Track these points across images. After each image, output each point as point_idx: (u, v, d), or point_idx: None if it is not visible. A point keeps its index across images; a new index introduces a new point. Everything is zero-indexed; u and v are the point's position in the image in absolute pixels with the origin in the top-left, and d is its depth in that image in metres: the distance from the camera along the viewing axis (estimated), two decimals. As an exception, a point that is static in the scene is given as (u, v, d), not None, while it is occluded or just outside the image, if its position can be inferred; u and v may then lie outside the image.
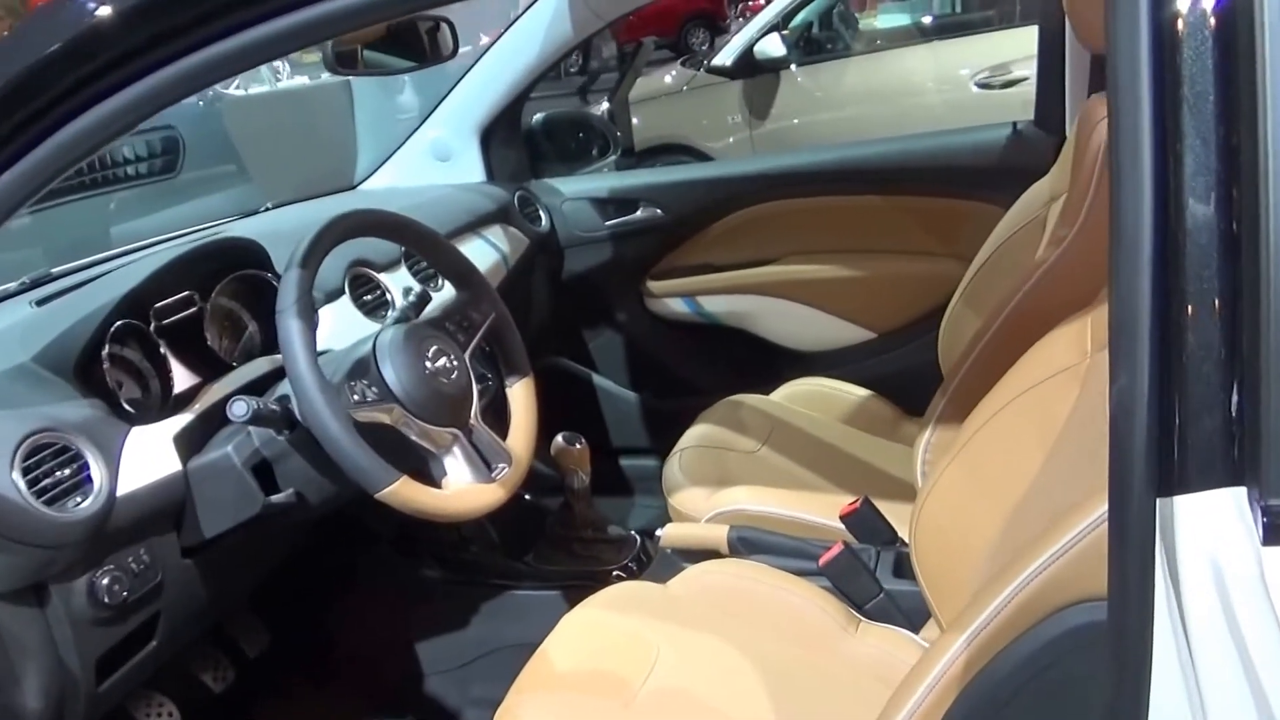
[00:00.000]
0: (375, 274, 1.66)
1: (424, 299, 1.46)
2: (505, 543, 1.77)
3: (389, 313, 1.48)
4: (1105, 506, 0.68)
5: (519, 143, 2.40)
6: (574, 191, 2.37)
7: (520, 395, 1.47)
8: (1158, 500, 0.62)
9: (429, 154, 2.33)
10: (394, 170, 2.36)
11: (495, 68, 2.23)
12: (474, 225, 2.04)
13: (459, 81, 2.28)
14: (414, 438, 1.24)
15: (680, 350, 2.44)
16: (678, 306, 2.36)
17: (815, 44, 5.15)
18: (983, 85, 4.38)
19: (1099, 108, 1.50)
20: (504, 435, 1.41)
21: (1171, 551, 0.62)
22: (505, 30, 2.20)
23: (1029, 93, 4.18)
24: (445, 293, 1.52)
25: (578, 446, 1.65)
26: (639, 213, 2.33)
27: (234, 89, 5.29)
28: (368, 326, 1.53)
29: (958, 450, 1.28)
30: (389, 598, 1.84)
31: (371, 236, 1.42)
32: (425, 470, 1.27)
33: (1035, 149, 2.04)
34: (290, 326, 1.16)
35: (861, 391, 2.09)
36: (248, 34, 0.84)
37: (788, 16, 4.91)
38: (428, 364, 1.26)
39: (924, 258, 2.20)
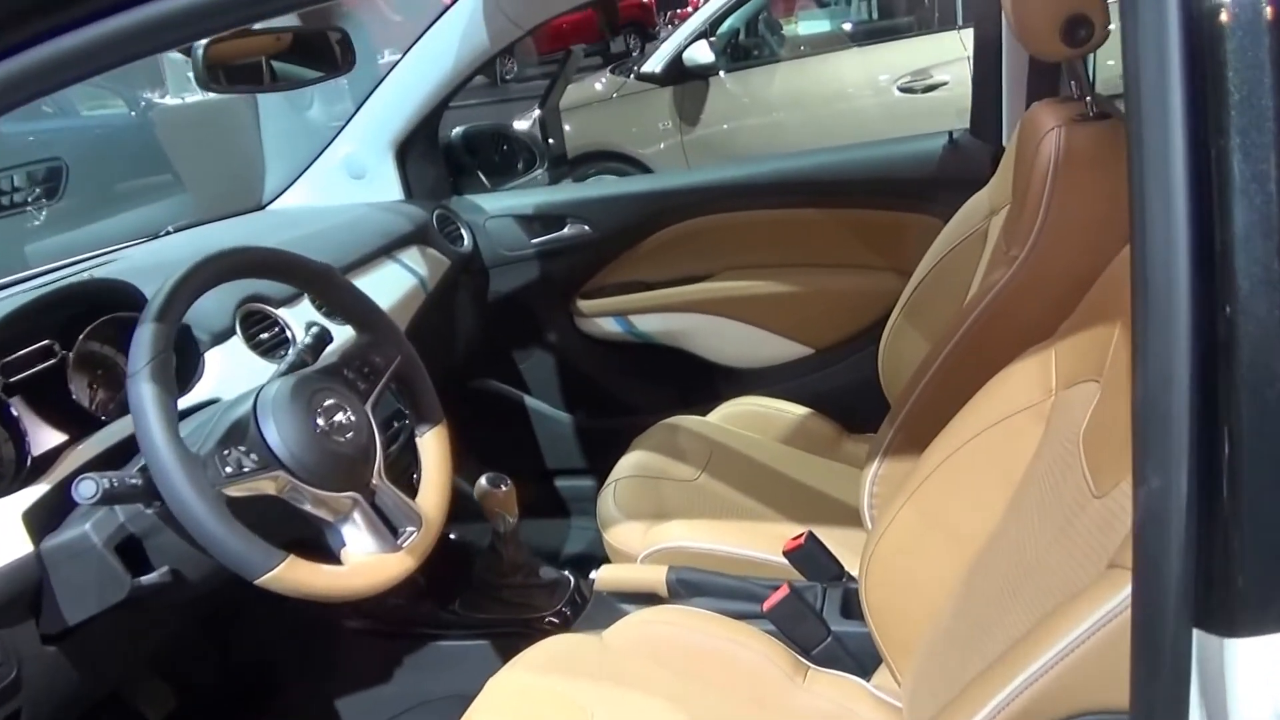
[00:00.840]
0: (272, 310, 1.53)
1: (322, 340, 1.34)
2: (432, 590, 1.65)
3: (290, 352, 1.35)
4: (1111, 604, 0.58)
5: (438, 158, 2.29)
6: (497, 209, 2.26)
7: (432, 446, 1.35)
8: (1197, 632, 0.51)
9: (342, 171, 2.20)
10: (305, 189, 2.23)
11: (408, 80, 2.11)
12: (389, 248, 1.92)
13: (371, 94, 2.16)
14: (305, 507, 1.11)
15: (614, 370, 2.35)
16: (609, 326, 2.27)
17: (742, 50, 5.12)
18: (905, 90, 4.39)
19: (1043, 117, 1.44)
20: (414, 492, 1.29)
21: (1215, 693, 0.51)
22: (417, 40, 2.08)
23: (950, 97, 4.33)
24: (349, 330, 1.40)
25: (503, 488, 1.54)
26: (566, 229, 2.24)
27: (167, 98, 5.00)
28: (265, 369, 1.40)
29: (912, 490, 1.20)
30: (310, 651, 1.71)
31: (246, 278, 1.29)
32: (320, 542, 1.14)
33: (972, 159, 1.99)
34: (142, 394, 1.01)
35: (800, 410, 2.02)
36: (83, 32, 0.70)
37: (715, 23, 4.87)
38: (319, 421, 1.13)
39: (862, 272, 2.13)
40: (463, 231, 2.21)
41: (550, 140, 3.54)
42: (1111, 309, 0.95)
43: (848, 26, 5.61)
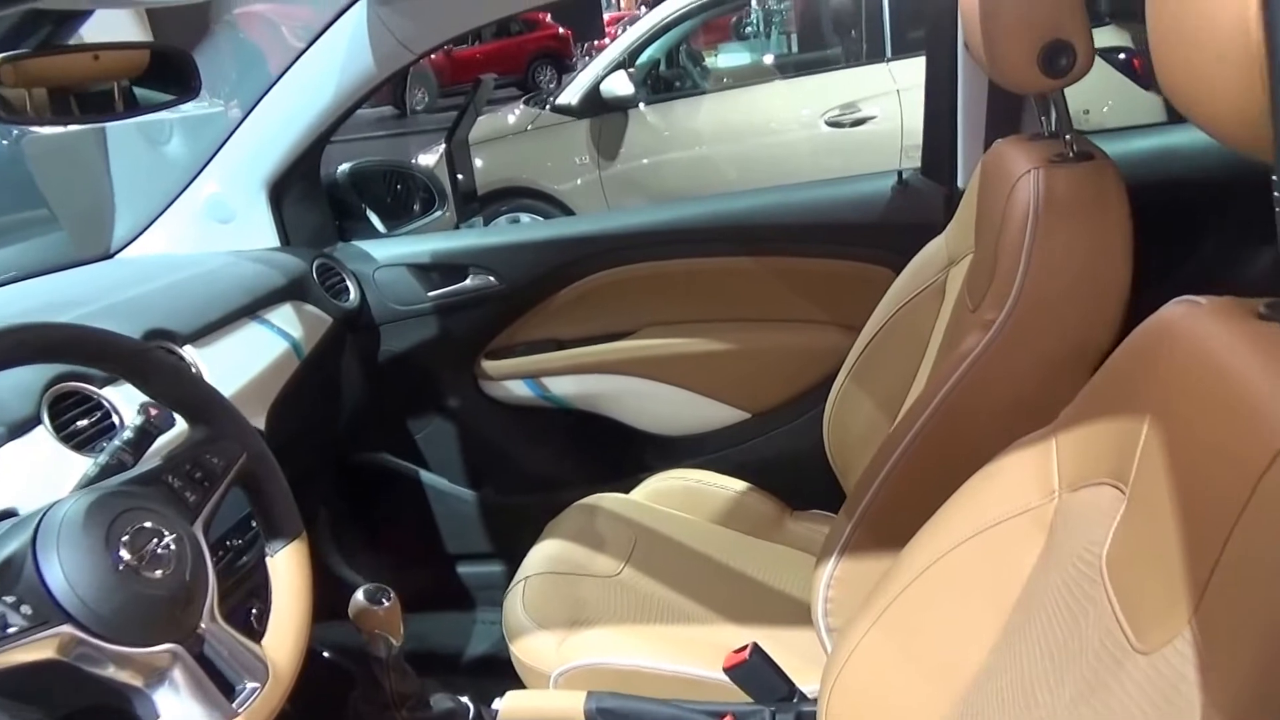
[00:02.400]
0: (93, 389, 1.22)
1: (148, 432, 1.05)
2: None
3: (105, 449, 1.05)
4: None
5: (320, 199, 2.00)
6: (389, 257, 1.98)
7: (286, 569, 1.05)
8: None
9: (205, 215, 1.90)
10: (162, 235, 1.92)
11: (283, 109, 1.83)
12: (255, 306, 1.62)
13: (239, 126, 1.87)
14: (104, 672, 0.82)
15: (524, 440, 2.08)
16: (518, 389, 2.00)
17: (663, 82, 4.93)
18: (833, 123, 4.24)
19: (1011, 157, 1.25)
20: (260, 634, 1.00)
21: None
22: (291, 64, 1.80)
23: (879, 131, 4.20)
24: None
25: (384, 604, 1.25)
26: (469, 281, 1.96)
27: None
28: (83, 467, 1.10)
29: (882, 609, 0.97)
30: None
31: (31, 364, 1.00)
32: (125, 715, 0.85)
33: (924, 202, 1.79)
34: None
35: (737, 484, 1.79)
36: None
37: (634, 54, 4.68)
38: (123, 554, 0.84)
39: (803, 327, 1.91)
40: (348, 284, 1.92)
41: (459, 176, 3.29)
42: (1134, 395, 0.74)
43: (769, 59, 5.49)
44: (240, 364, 1.51)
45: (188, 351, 1.42)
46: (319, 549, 1.98)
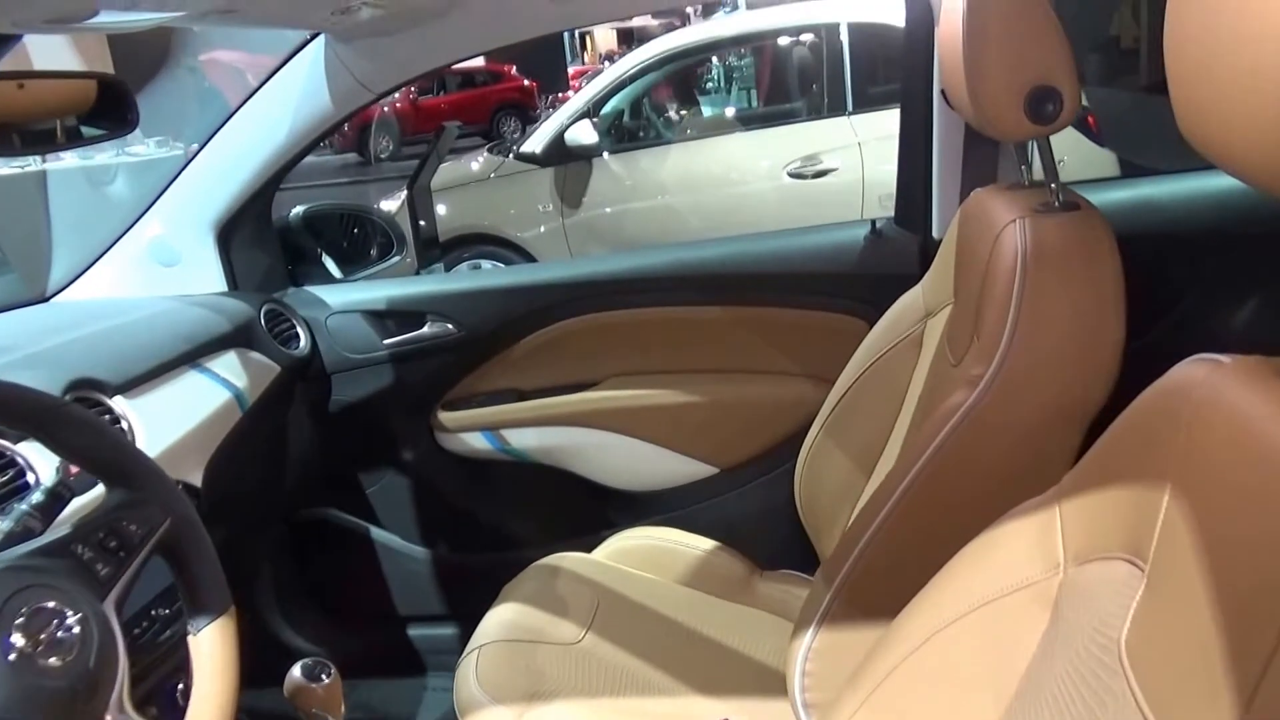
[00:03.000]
0: (7, 445, 1.12)
1: (60, 495, 0.95)
2: None
3: (9, 514, 0.95)
4: None
5: (271, 242, 1.92)
6: (343, 303, 1.89)
7: (209, 649, 0.95)
8: None
9: (149, 257, 1.81)
10: (103, 278, 1.82)
11: (235, 148, 1.76)
12: (196, 353, 1.53)
13: (187, 165, 1.79)
14: None
15: (481, 495, 1.99)
16: (477, 442, 1.91)
17: (627, 132, 4.92)
18: (795, 175, 4.24)
19: (992, 206, 1.20)
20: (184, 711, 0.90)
21: None
22: (244, 101, 1.73)
23: (841, 183, 4.20)
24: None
25: (324, 680, 1.15)
26: (426, 328, 1.88)
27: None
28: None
29: (869, 691, 0.89)
30: None
31: None
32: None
33: (899, 251, 1.74)
34: None
35: (705, 543, 1.70)
36: None
37: (598, 104, 4.66)
38: (16, 639, 0.74)
39: (774, 379, 1.85)
40: (299, 330, 1.83)
41: (421, 222, 3.23)
42: (1150, 461, 0.67)
43: (731, 111, 5.51)
44: (177, 416, 1.42)
45: (118, 403, 1.32)
46: (260, 610, 1.87)
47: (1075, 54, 1.11)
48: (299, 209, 2.01)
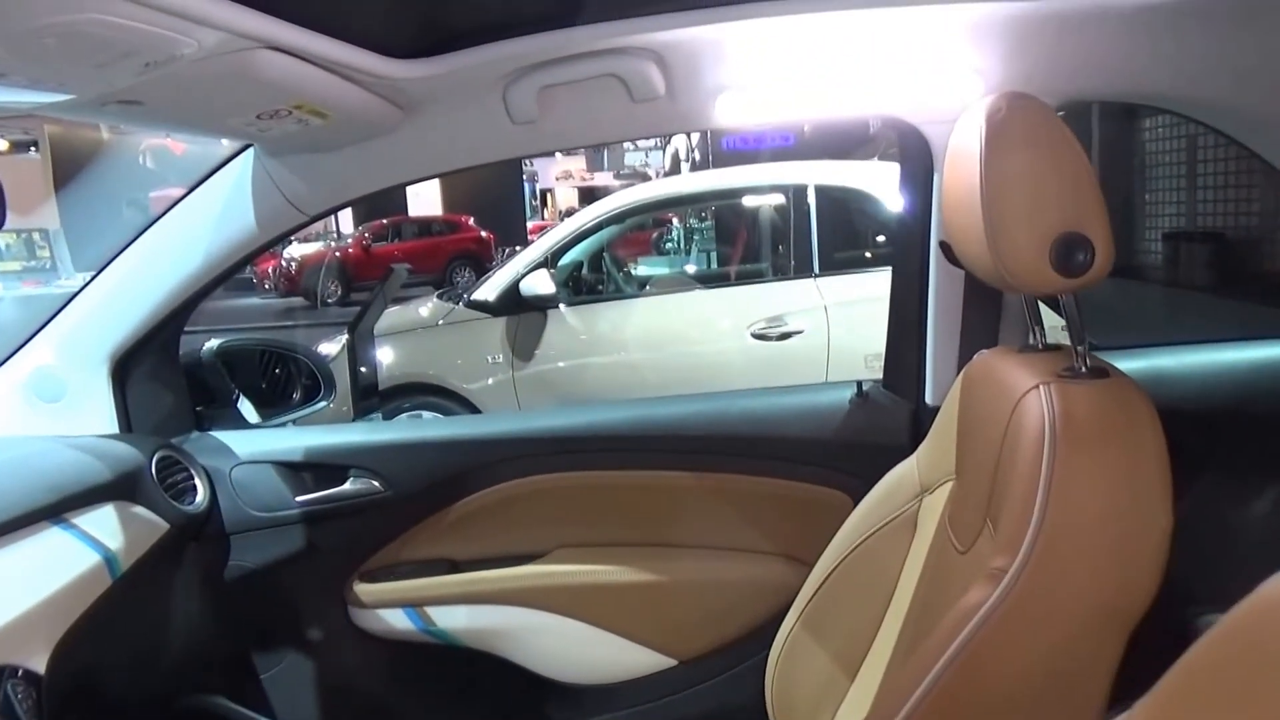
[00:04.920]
0: None
1: None
2: None
3: None
4: None
5: (175, 380, 1.69)
6: (253, 452, 1.65)
7: None
8: None
9: (30, 390, 1.57)
10: (-27, 411, 1.57)
11: (141, 270, 1.55)
12: (58, 508, 1.27)
13: (83, 288, 1.57)
14: None
15: (400, 684, 1.70)
16: (398, 621, 1.64)
17: (585, 284, 4.80)
18: (759, 336, 4.12)
19: (1005, 371, 1.05)
20: None
21: None
22: (156, 218, 1.53)
23: (805, 347, 4.07)
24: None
25: None
26: (349, 484, 1.64)
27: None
28: None
29: None
30: None
31: None
32: None
33: (888, 418, 1.57)
34: None
35: None
36: None
37: (556, 254, 4.55)
38: None
39: (745, 558, 1.63)
40: (196, 482, 1.57)
41: (362, 369, 3.01)
42: (1245, 699, 0.53)
43: (693, 268, 5.45)
44: (25, 583, 1.15)
45: None
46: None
47: None
48: (213, 343, 1.78)
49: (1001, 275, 0.99)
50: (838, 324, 3.99)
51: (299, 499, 1.63)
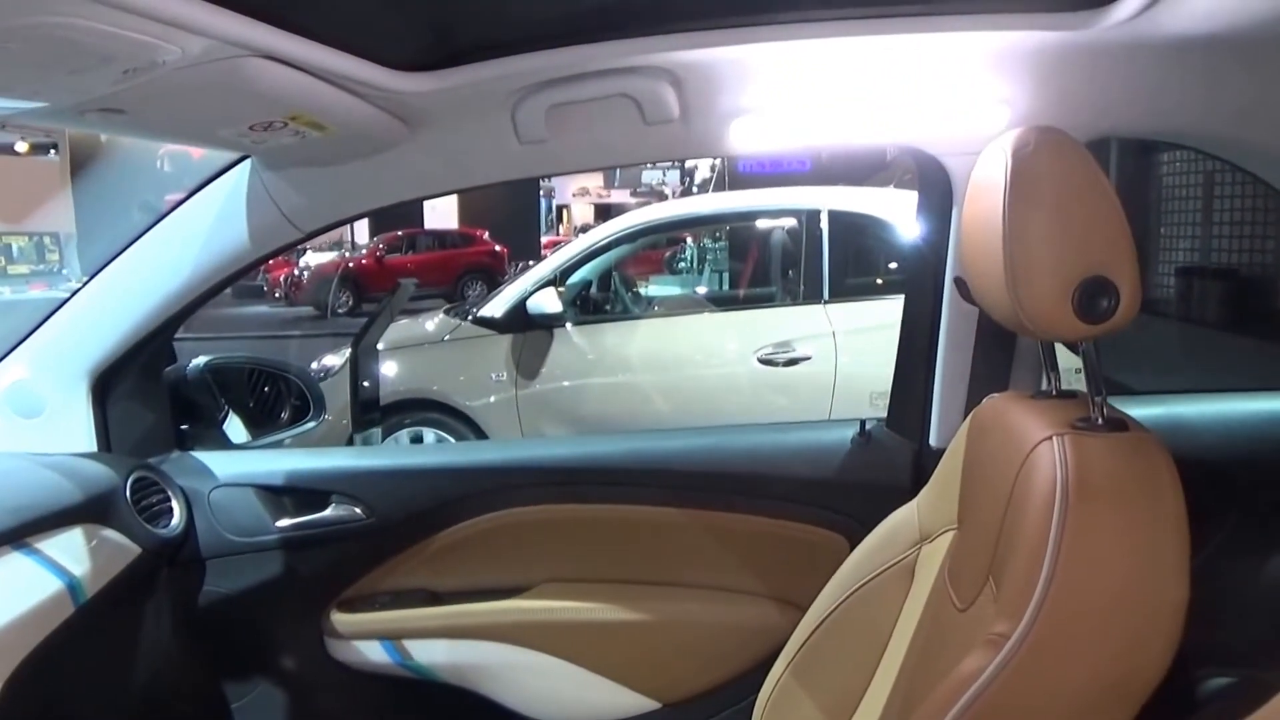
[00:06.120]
0: None
1: None
2: None
3: None
4: None
5: (158, 398, 1.64)
6: (233, 475, 1.60)
7: None
8: None
9: (5, 405, 1.53)
10: (-52, 424, 1.53)
11: (125, 283, 1.51)
12: (19, 533, 1.22)
13: (65, 302, 1.53)
14: None
15: (375, 717, 1.64)
16: (374, 654, 1.59)
17: (593, 303, 4.76)
18: (765, 361, 4.06)
19: (1016, 417, 1.00)
20: None
21: None
22: (143, 231, 1.49)
23: (813, 373, 4.01)
24: None
25: None
26: (330, 510, 1.60)
27: None
28: None
29: None
30: None
31: None
32: None
33: (889, 459, 1.51)
34: None
35: None
36: None
37: (565, 272, 4.51)
38: None
39: (735, 599, 1.57)
40: (174, 504, 1.53)
41: (364, 383, 2.98)
42: None
43: (702, 290, 5.39)
44: None
45: None
46: None
47: None
48: (200, 360, 1.74)
49: (1019, 318, 0.94)
50: (845, 351, 3.93)
51: (279, 524, 1.58)
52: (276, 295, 15.52)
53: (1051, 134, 0.94)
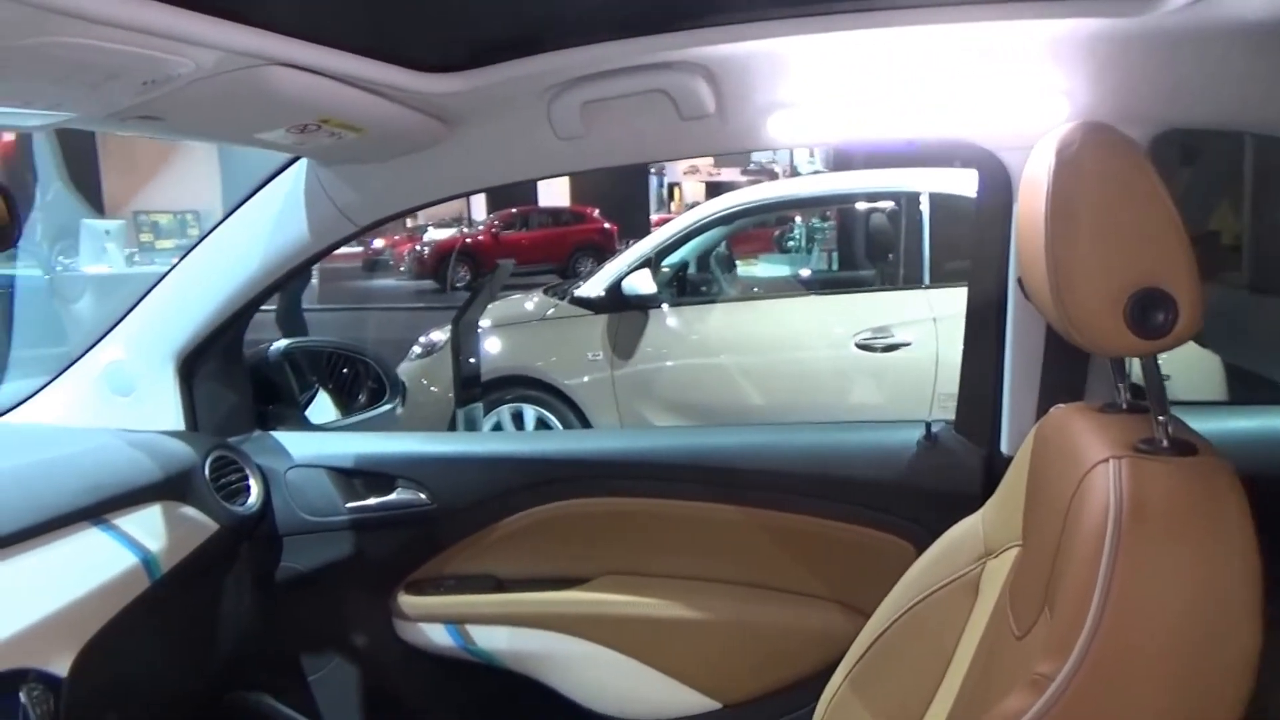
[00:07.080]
0: None
1: None
2: None
3: None
4: None
5: (239, 379, 1.70)
6: (308, 455, 1.65)
7: None
8: None
9: (103, 384, 1.61)
10: (54, 402, 1.62)
11: (204, 274, 1.57)
12: (99, 510, 1.28)
13: (152, 288, 1.60)
14: None
15: (441, 700, 1.68)
16: (439, 636, 1.61)
17: (690, 285, 4.73)
18: (863, 346, 3.96)
19: (1079, 434, 0.92)
20: None
21: None
22: (217, 224, 1.55)
23: (911, 359, 3.90)
24: None
25: None
26: (395, 494, 1.63)
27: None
28: None
29: None
30: None
31: None
32: None
33: (957, 465, 1.45)
34: None
35: None
36: None
37: (663, 253, 4.49)
38: None
39: (797, 601, 1.53)
40: (251, 482, 1.59)
41: (467, 359, 3.04)
42: None
43: (806, 272, 5.29)
44: (53, 586, 1.17)
45: None
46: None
47: None
48: (280, 343, 1.80)
49: (1067, 328, 0.88)
50: (946, 338, 3.80)
51: (349, 505, 1.62)
52: (401, 269, 16.01)
53: (1100, 130, 0.87)
